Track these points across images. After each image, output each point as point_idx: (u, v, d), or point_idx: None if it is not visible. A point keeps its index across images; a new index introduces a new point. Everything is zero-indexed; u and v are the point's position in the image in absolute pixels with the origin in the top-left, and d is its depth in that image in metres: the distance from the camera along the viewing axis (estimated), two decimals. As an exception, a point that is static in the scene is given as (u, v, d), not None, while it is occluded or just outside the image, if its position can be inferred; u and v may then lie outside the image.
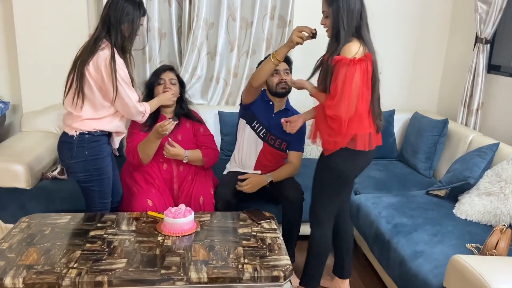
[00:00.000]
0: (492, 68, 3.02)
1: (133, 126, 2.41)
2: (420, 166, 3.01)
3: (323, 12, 1.97)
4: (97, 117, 2.11)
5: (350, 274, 2.38)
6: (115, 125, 2.19)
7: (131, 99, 2.10)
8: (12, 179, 2.50)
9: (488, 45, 2.93)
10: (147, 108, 2.23)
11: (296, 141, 2.55)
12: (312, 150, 3.25)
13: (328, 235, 2.17)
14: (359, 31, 1.92)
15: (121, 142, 2.43)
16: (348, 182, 2.14)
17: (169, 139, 2.33)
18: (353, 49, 1.87)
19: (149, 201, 2.23)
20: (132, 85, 2.15)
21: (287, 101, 2.60)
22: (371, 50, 1.94)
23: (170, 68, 2.48)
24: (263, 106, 2.53)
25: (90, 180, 2.16)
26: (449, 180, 2.51)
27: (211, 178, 2.55)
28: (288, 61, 2.52)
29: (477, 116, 3.00)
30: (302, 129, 2.42)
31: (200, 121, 2.58)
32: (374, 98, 1.97)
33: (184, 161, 2.37)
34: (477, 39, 2.97)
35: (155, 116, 2.43)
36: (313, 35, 2.05)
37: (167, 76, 2.43)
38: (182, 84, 2.53)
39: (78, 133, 2.10)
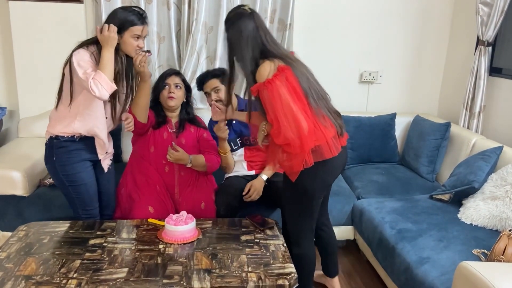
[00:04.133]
0: (494, 70, 2.99)
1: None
2: (422, 170, 2.98)
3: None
4: (59, 118, 2.07)
5: (337, 272, 2.38)
6: (76, 127, 2.04)
7: (81, 75, 1.91)
8: (9, 186, 2.45)
9: (490, 48, 2.92)
10: (96, 76, 1.89)
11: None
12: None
13: (308, 253, 2.05)
14: (265, 52, 1.84)
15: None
16: (317, 198, 1.96)
17: (173, 143, 2.30)
18: (264, 71, 1.78)
19: (150, 208, 2.20)
20: (117, 82, 2.06)
21: (239, 101, 2.53)
22: (286, 62, 1.82)
23: (176, 73, 2.45)
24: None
25: (65, 187, 2.12)
26: (453, 184, 2.49)
27: (212, 184, 2.52)
28: (215, 75, 2.43)
29: (479, 119, 2.98)
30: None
31: (204, 127, 2.56)
32: (319, 104, 1.83)
33: (188, 166, 2.33)
34: (479, 42, 2.95)
35: (163, 120, 2.41)
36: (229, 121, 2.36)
37: (172, 80, 2.40)
38: (188, 89, 2.50)
39: (49, 137, 2.09)
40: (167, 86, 2.38)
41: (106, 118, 2.12)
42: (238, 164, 2.57)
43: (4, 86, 3.16)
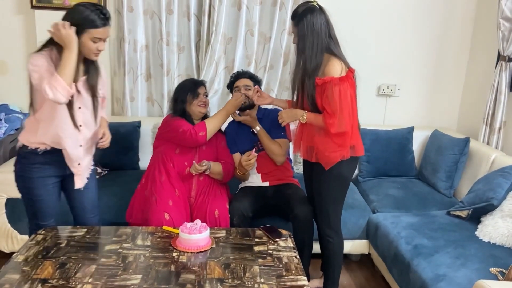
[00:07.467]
0: (515, 86, 2.95)
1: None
2: (440, 185, 2.94)
3: (293, 32, 2.12)
4: (28, 126, 1.99)
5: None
6: (40, 135, 1.94)
7: (37, 79, 1.83)
8: (29, 190, 2.51)
9: (511, 63, 2.88)
10: (52, 80, 1.78)
11: (273, 130, 2.55)
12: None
13: (343, 240, 2.33)
14: (330, 49, 2.05)
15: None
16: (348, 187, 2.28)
17: (194, 162, 2.37)
18: (338, 68, 2.01)
19: (166, 214, 2.22)
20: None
21: (259, 110, 2.60)
22: (348, 65, 2.07)
23: (204, 83, 2.55)
24: (240, 130, 2.58)
25: (23, 197, 2.06)
26: (471, 201, 2.44)
27: (226, 193, 2.54)
28: (251, 77, 2.58)
29: (499, 135, 2.94)
30: (276, 119, 2.37)
31: (222, 134, 2.62)
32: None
33: (206, 172, 2.41)
34: (500, 57, 2.91)
35: None
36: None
37: (202, 90, 2.49)
38: None
39: (21, 143, 2.00)
40: (198, 96, 2.46)
41: (81, 126, 1.99)
42: (252, 175, 2.58)
43: (28, 92, 3.22)
